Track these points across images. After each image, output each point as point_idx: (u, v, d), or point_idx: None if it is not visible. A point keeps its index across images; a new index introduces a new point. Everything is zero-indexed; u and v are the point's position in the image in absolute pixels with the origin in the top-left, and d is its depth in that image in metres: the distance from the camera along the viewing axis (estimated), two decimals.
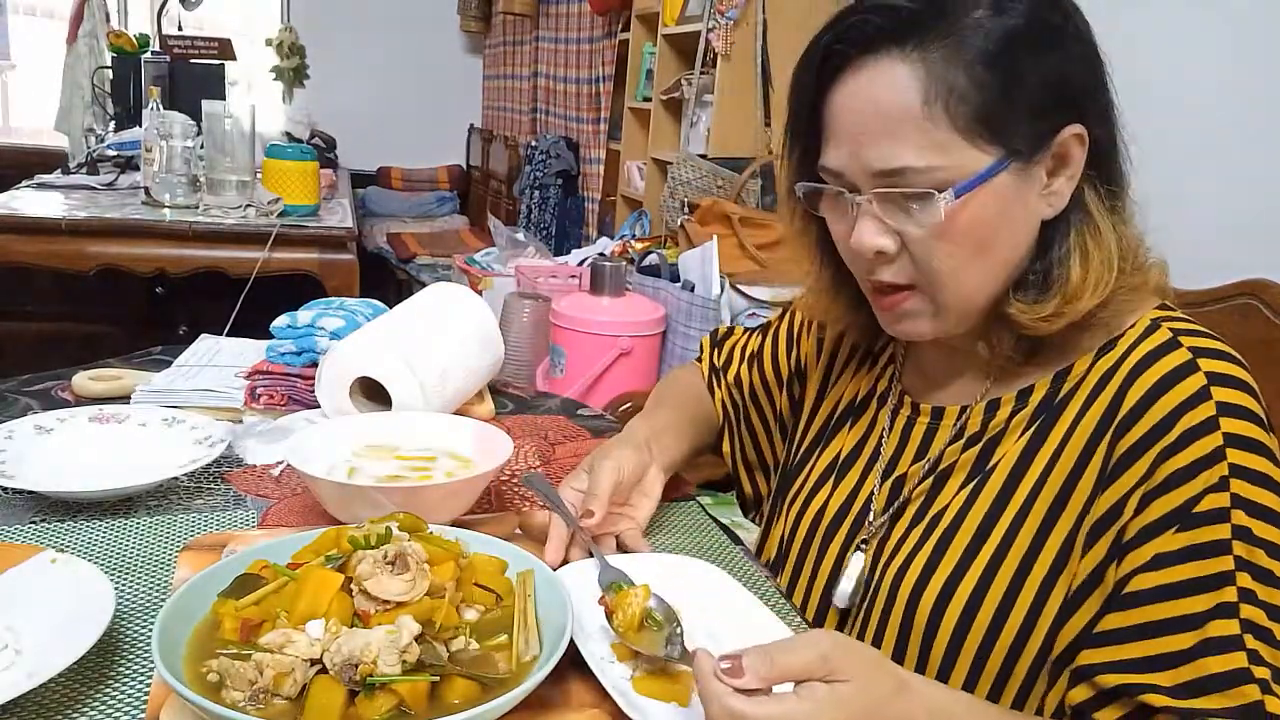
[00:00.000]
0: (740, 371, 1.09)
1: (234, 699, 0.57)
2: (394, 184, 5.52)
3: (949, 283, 0.75)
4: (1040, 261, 0.75)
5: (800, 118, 0.80)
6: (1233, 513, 0.66)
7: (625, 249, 3.14)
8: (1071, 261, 0.73)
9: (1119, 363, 0.74)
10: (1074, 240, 0.74)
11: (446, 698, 0.59)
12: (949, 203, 0.71)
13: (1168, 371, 0.71)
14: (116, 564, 0.80)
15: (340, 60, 5.41)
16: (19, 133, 5.35)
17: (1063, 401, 0.77)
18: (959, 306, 0.76)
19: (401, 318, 1.18)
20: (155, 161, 2.50)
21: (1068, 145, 0.72)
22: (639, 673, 0.68)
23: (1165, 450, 0.69)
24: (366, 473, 0.92)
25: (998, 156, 0.71)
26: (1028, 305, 0.75)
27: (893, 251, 0.75)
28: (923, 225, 0.72)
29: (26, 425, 0.98)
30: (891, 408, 0.91)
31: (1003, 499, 0.78)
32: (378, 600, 0.62)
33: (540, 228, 4.21)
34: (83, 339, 3.18)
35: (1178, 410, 0.69)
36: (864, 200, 0.74)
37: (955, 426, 0.84)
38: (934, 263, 0.74)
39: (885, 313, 0.80)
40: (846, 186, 0.75)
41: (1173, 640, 0.65)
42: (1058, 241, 0.74)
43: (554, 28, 4.49)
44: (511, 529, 0.90)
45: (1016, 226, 0.74)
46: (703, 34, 3.02)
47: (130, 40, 4.04)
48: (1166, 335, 0.74)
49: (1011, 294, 0.75)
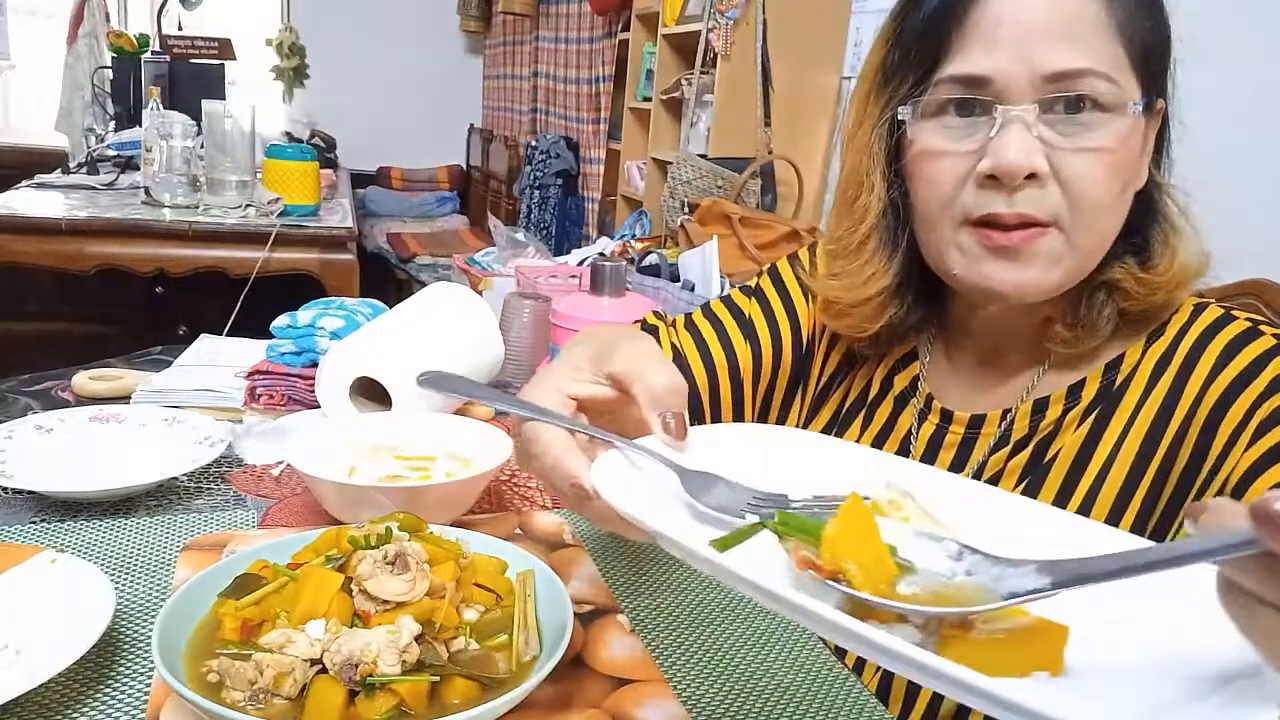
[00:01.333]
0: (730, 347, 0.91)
1: (234, 699, 0.57)
2: (394, 184, 5.53)
3: (1097, 219, 0.68)
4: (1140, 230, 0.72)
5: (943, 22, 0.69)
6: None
7: (625, 249, 3.14)
8: (1175, 236, 0.72)
9: (1174, 345, 0.73)
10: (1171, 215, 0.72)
11: (446, 698, 0.59)
12: (1137, 114, 0.66)
13: (1232, 338, 0.70)
14: (116, 564, 0.80)
15: (340, 60, 5.42)
16: (19, 133, 5.35)
17: (1119, 391, 0.74)
18: (1090, 251, 0.70)
19: (401, 318, 1.18)
20: (155, 161, 2.50)
21: (1153, 120, 0.71)
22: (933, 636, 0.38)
23: (1261, 395, 0.66)
24: (366, 473, 0.92)
25: (1142, 95, 0.68)
26: (1141, 268, 0.71)
27: (1045, 174, 0.66)
28: (1095, 141, 0.66)
29: (26, 425, 0.98)
30: (916, 413, 0.83)
31: (1063, 496, 0.74)
32: (378, 600, 0.62)
33: (540, 228, 4.21)
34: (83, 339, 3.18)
35: (1260, 360, 0.68)
36: (1021, 110, 0.66)
37: (998, 433, 0.78)
38: (1093, 192, 0.67)
39: (1001, 257, 0.69)
40: (993, 95, 0.67)
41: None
42: (1156, 211, 0.72)
43: (554, 28, 4.49)
44: (511, 529, 0.90)
45: (1138, 181, 0.71)
46: (703, 34, 3.02)
47: (130, 40, 4.05)
48: (1219, 312, 0.73)
49: (1122, 258, 0.71)
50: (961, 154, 0.69)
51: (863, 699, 0.69)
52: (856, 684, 0.71)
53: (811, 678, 0.71)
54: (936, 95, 0.70)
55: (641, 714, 0.64)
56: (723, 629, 0.76)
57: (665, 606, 0.79)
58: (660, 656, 0.72)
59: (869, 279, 0.79)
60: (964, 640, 0.36)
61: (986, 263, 0.70)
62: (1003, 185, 0.67)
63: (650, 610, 0.78)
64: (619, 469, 0.48)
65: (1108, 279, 0.72)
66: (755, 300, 0.94)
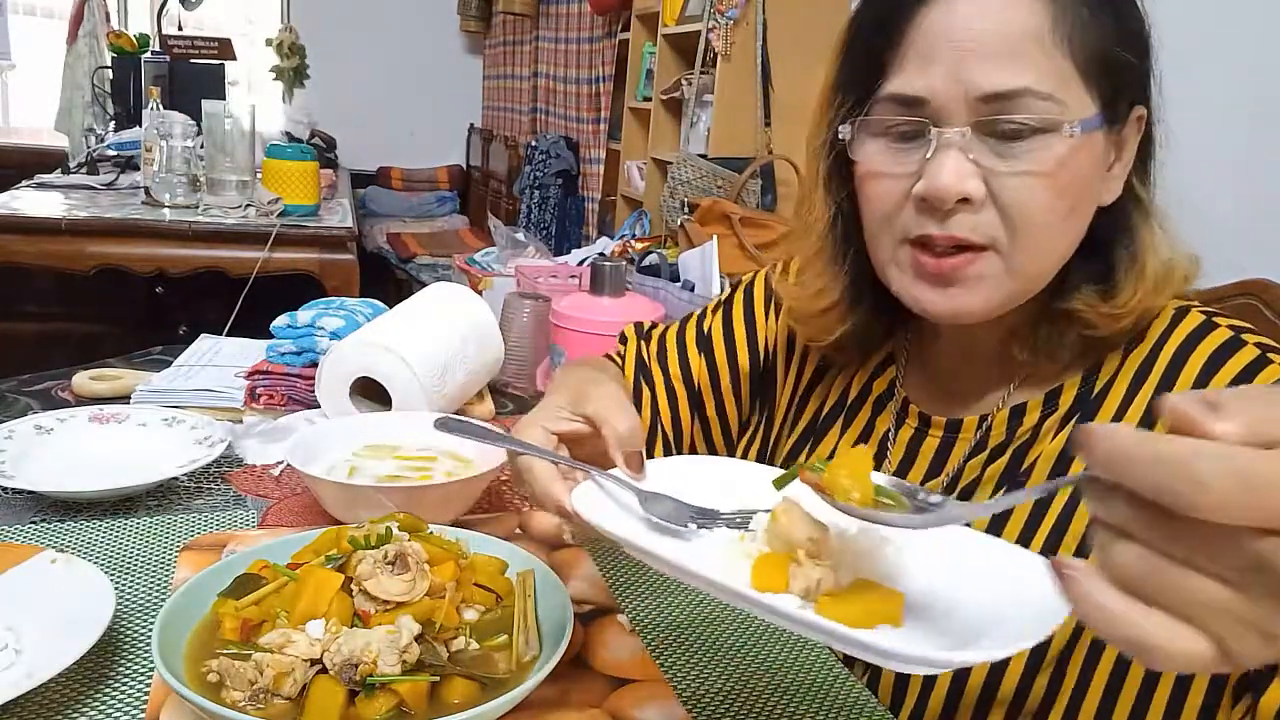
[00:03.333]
0: (684, 359, 0.94)
1: (234, 699, 0.57)
2: (394, 184, 5.53)
3: (1038, 242, 0.65)
4: (1104, 253, 0.69)
5: (881, 41, 0.68)
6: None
7: (625, 249, 3.14)
8: (1149, 255, 0.68)
9: (1155, 352, 0.71)
10: (1141, 234, 0.69)
11: (446, 698, 0.59)
12: (1074, 135, 0.62)
13: (1215, 349, 0.68)
14: (116, 564, 0.80)
15: (340, 60, 5.41)
16: (19, 133, 5.35)
17: (1098, 399, 0.72)
18: (1033, 276, 0.67)
19: (402, 318, 1.18)
20: (155, 161, 2.51)
21: (1130, 128, 0.68)
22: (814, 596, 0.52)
23: None
24: (366, 473, 0.92)
25: (1098, 110, 0.65)
26: (1100, 298, 0.68)
27: (980, 198, 0.64)
28: (1031, 164, 0.63)
29: (26, 425, 0.98)
30: (894, 417, 0.82)
31: (1041, 505, 0.72)
32: (378, 600, 0.62)
33: (540, 228, 4.21)
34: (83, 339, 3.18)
35: (1243, 375, 0.66)
36: (955, 133, 0.64)
37: (974, 439, 0.77)
38: (1031, 215, 0.64)
39: (933, 283, 0.68)
40: (928, 117, 0.65)
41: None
42: (1125, 230, 0.69)
43: (554, 28, 4.48)
44: (511, 529, 0.90)
45: (1093, 198, 0.68)
46: (703, 34, 3.02)
47: (130, 40, 4.05)
48: (1200, 319, 0.70)
49: (1080, 288, 0.69)
50: (899, 175, 0.68)
51: (863, 699, 0.69)
52: (857, 684, 0.71)
53: (811, 678, 0.71)
54: (875, 115, 0.69)
55: (641, 714, 0.64)
56: (723, 629, 0.76)
57: (665, 606, 0.79)
58: (660, 656, 0.72)
59: (818, 293, 0.79)
60: (831, 605, 0.50)
61: (919, 286, 0.69)
62: (937, 208, 0.66)
63: (650, 610, 0.78)
64: (592, 493, 0.61)
65: (1068, 308, 0.69)
66: (719, 315, 0.96)
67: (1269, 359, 0.66)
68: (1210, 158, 1.66)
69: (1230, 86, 1.61)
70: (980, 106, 0.64)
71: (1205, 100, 1.68)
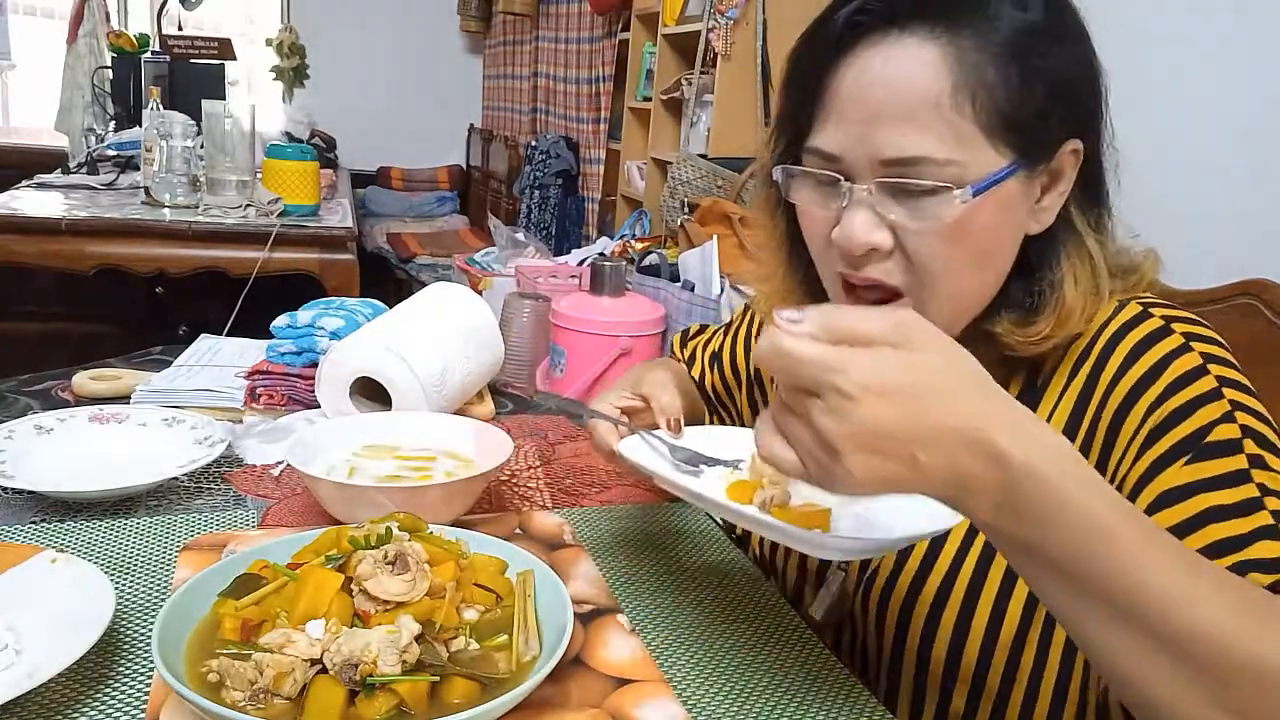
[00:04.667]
0: (704, 371, 1.07)
1: (234, 699, 0.57)
2: (394, 184, 5.53)
3: (944, 290, 0.69)
4: (1028, 280, 0.72)
5: (804, 94, 0.72)
6: (1245, 442, 0.64)
7: (625, 249, 3.14)
8: (1066, 284, 0.71)
9: (1092, 342, 0.73)
10: (1065, 262, 0.71)
11: (446, 698, 0.59)
12: (965, 200, 0.66)
13: (1145, 335, 0.71)
14: (116, 564, 0.80)
15: (340, 60, 5.42)
16: (19, 133, 5.35)
17: (1040, 389, 0.76)
18: (954, 316, 0.72)
19: (402, 318, 1.18)
20: (155, 161, 2.50)
21: (1063, 161, 0.70)
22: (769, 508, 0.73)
23: (1158, 398, 0.68)
24: (366, 473, 0.92)
25: (1010, 160, 0.67)
26: (1017, 325, 0.71)
27: (886, 249, 0.69)
28: (929, 223, 0.67)
29: (26, 425, 0.98)
30: None
31: None
32: (378, 600, 0.62)
33: (540, 228, 4.21)
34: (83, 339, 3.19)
35: (1163, 362, 0.69)
36: (861, 189, 0.68)
37: None
38: (934, 266, 0.69)
39: None
40: (841, 172, 0.70)
41: None
42: (1049, 261, 0.72)
43: (554, 28, 4.48)
44: (511, 529, 0.90)
45: (1012, 238, 0.71)
46: (703, 34, 3.02)
47: (130, 40, 4.05)
48: (1137, 309, 0.73)
49: (1003, 312, 0.72)
50: (825, 218, 0.72)
51: (863, 699, 0.69)
52: (857, 684, 0.71)
53: (811, 678, 0.71)
54: (801, 163, 0.73)
55: (641, 714, 0.64)
56: (723, 629, 0.76)
57: (665, 606, 0.79)
58: (660, 656, 0.72)
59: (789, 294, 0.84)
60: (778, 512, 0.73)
61: None
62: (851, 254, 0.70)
63: (650, 610, 0.78)
64: (635, 443, 0.83)
65: (987, 328, 0.73)
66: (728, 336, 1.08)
67: (1190, 347, 0.69)
68: (1210, 158, 1.66)
69: (1230, 87, 1.61)
70: (882, 168, 0.67)
71: (1205, 100, 1.68)
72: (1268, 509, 0.61)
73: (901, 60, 0.66)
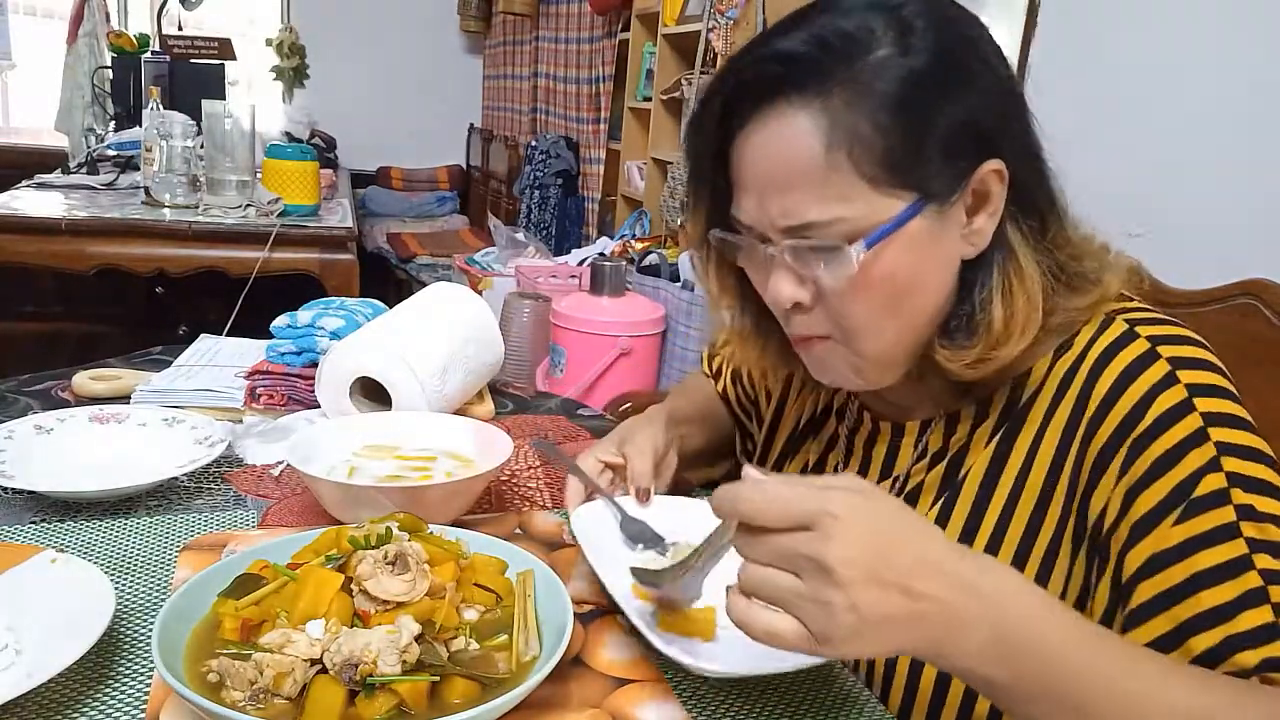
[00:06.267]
0: (727, 385, 1.08)
1: (234, 699, 0.57)
2: (394, 184, 5.53)
3: (866, 335, 0.72)
4: (964, 304, 0.71)
5: (706, 170, 0.76)
6: (1232, 492, 0.63)
7: (625, 249, 3.14)
8: (993, 304, 0.70)
9: (1079, 360, 0.72)
10: (996, 280, 0.70)
11: (446, 698, 0.59)
12: (860, 254, 0.67)
13: (1130, 362, 0.70)
14: (116, 564, 0.80)
15: (340, 60, 5.42)
16: (19, 133, 5.35)
17: (1025, 407, 0.75)
18: (879, 358, 0.73)
19: (401, 318, 1.18)
20: (155, 161, 2.50)
21: (987, 182, 0.68)
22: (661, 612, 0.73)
23: (1141, 438, 0.67)
24: (366, 473, 0.92)
25: (910, 201, 0.67)
26: (953, 351, 0.71)
27: (808, 303, 0.72)
28: (835, 278, 0.68)
29: (26, 425, 0.98)
30: (850, 424, 0.88)
31: (977, 513, 0.76)
32: (378, 600, 0.62)
33: (540, 228, 4.21)
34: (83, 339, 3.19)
35: (1147, 397, 0.68)
36: (776, 252, 0.70)
37: (918, 445, 0.81)
38: (849, 316, 0.71)
39: (808, 360, 0.77)
40: (759, 238, 0.72)
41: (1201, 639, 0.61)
42: (980, 282, 0.71)
43: (554, 28, 4.48)
44: (511, 529, 0.90)
45: (937, 271, 0.71)
46: (703, 34, 3.02)
47: (130, 40, 4.05)
48: (1123, 328, 0.72)
49: (938, 339, 0.72)
50: (761, 278, 0.75)
51: (863, 699, 0.69)
52: (856, 684, 0.71)
53: (811, 678, 0.71)
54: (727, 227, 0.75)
55: (641, 714, 0.64)
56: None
57: None
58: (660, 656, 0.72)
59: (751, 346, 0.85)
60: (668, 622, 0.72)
61: (807, 362, 0.78)
62: None
63: None
64: (590, 510, 0.86)
65: (929, 356, 0.73)
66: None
67: (1175, 378, 0.68)
68: (1210, 158, 1.66)
69: (1230, 86, 1.61)
70: (784, 233, 0.69)
71: (1205, 100, 1.68)
72: (1256, 568, 0.61)
73: (778, 129, 0.67)
